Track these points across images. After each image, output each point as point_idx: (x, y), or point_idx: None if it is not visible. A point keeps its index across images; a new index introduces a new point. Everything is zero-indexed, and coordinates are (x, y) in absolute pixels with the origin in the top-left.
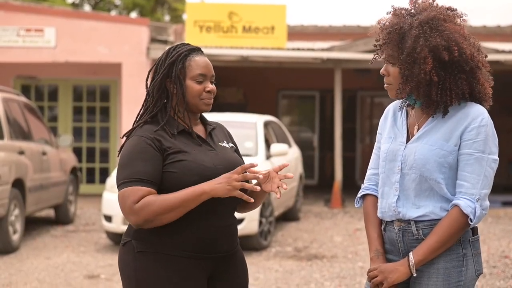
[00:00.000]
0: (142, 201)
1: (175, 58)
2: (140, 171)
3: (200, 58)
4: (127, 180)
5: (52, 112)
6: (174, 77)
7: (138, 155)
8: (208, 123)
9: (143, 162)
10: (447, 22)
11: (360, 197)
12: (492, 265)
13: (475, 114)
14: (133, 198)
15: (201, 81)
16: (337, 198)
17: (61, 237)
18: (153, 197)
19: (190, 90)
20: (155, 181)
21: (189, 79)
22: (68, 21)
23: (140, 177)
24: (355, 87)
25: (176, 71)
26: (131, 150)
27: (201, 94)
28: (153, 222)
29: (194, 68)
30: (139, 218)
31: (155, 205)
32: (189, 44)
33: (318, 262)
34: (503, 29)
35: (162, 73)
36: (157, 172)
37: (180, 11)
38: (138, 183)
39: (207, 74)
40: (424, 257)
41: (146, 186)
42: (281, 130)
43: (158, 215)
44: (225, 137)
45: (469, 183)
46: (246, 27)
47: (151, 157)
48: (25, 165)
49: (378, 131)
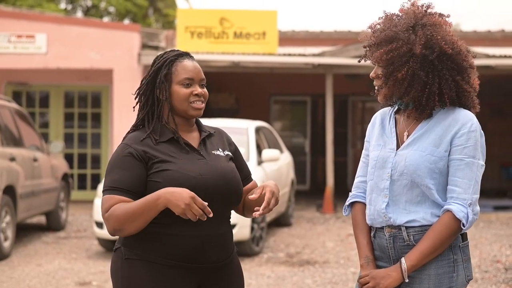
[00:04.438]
0: (110, 210)
1: (161, 64)
2: (115, 179)
3: (188, 62)
4: (105, 188)
5: (44, 118)
6: (158, 82)
7: (118, 163)
8: (204, 129)
9: (120, 170)
10: (438, 25)
11: (348, 205)
12: (484, 269)
13: (464, 119)
14: (105, 206)
15: (189, 85)
16: (329, 203)
17: (52, 244)
18: (118, 206)
19: (177, 94)
20: (130, 190)
21: (176, 84)
22: (59, 27)
23: (114, 185)
24: (347, 92)
25: (161, 76)
26: (114, 158)
27: (188, 98)
28: (120, 231)
29: (180, 73)
30: (109, 226)
31: (118, 214)
32: (178, 50)
33: (310, 268)
34: (493, 34)
35: (147, 79)
36: (134, 180)
37: (171, 17)
38: (112, 191)
39: (195, 78)
40: (417, 262)
41: (119, 195)
42: (273, 135)
43: (122, 223)
44: (222, 145)
45: (461, 188)
46: (238, 32)
47: (129, 166)
48: (16, 172)
49: (366, 139)
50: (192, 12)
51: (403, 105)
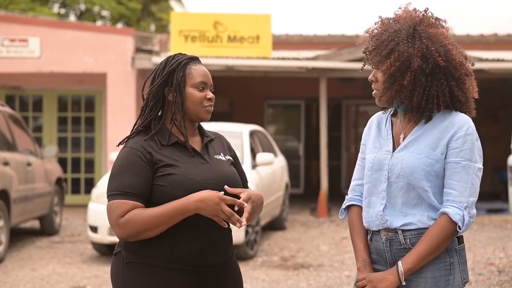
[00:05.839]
0: (127, 216)
1: (175, 66)
2: (127, 184)
3: (199, 67)
4: (115, 193)
5: (37, 122)
6: (174, 84)
7: (127, 167)
8: (206, 134)
9: (131, 175)
10: (434, 29)
11: (345, 208)
12: (477, 272)
13: (461, 122)
14: (119, 212)
15: (202, 89)
16: (323, 207)
17: (46, 248)
18: (137, 212)
19: (192, 97)
20: (142, 195)
21: (190, 87)
22: (52, 31)
23: (127, 190)
24: (340, 95)
25: (177, 78)
26: (121, 161)
27: (202, 101)
28: (137, 237)
29: (195, 76)
30: (124, 232)
31: (139, 221)
32: (187, 54)
33: (304, 271)
34: (486, 38)
35: (160, 80)
36: (144, 186)
37: (165, 21)
38: (124, 196)
39: (207, 83)
40: (413, 265)
41: (133, 200)
42: (267, 139)
43: (141, 231)
44: (223, 149)
45: (457, 191)
46: (231, 36)
47: (139, 170)
48: (9, 176)
49: (362, 142)
50: (186, 16)
51: (401, 108)
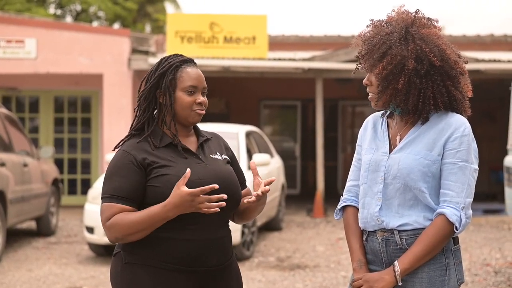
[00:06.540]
0: (112, 220)
1: (166, 69)
2: (117, 187)
3: (192, 69)
4: (105, 195)
5: (33, 123)
6: (164, 87)
7: (118, 170)
8: (201, 134)
9: (121, 178)
10: (426, 29)
11: (340, 208)
12: (474, 273)
13: (457, 123)
14: (106, 215)
15: (192, 93)
16: (319, 208)
17: (43, 249)
18: (121, 216)
19: (180, 101)
20: (131, 198)
21: (180, 91)
22: (49, 32)
23: (116, 193)
24: (337, 96)
25: (166, 81)
26: (113, 164)
27: (191, 106)
28: (124, 240)
29: (185, 80)
30: (110, 235)
31: (122, 225)
32: (183, 55)
33: (300, 272)
34: (482, 38)
35: (151, 83)
36: (134, 189)
37: (161, 21)
38: (113, 199)
39: (198, 86)
40: (410, 265)
41: (121, 203)
42: (263, 140)
43: (126, 235)
44: (219, 149)
45: (454, 191)
46: (228, 37)
47: (129, 173)
48: (6, 177)
49: (358, 143)
50: (182, 17)
51: (398, 111)
